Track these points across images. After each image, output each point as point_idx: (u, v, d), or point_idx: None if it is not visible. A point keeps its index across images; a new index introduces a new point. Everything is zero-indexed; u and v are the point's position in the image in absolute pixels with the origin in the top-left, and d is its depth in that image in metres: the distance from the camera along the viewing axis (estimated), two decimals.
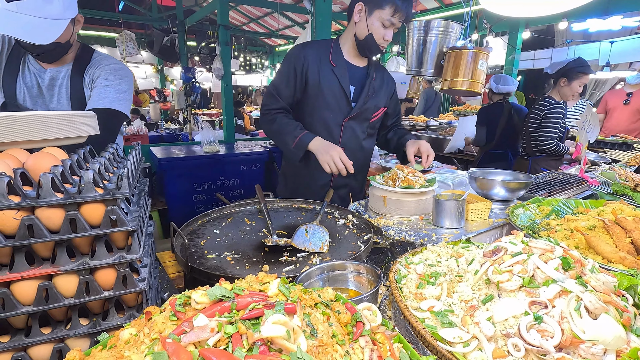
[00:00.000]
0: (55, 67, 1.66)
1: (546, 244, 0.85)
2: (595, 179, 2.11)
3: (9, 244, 0.67)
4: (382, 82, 2.07)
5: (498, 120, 4.05)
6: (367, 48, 1.90)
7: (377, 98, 2.04)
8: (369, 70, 2.02)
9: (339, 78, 1.93)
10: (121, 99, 1.67)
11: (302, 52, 1.91)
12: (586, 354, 0.66)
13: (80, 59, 1.69)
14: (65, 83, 1.67)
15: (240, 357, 0.46)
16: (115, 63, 1.74)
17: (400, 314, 0.87)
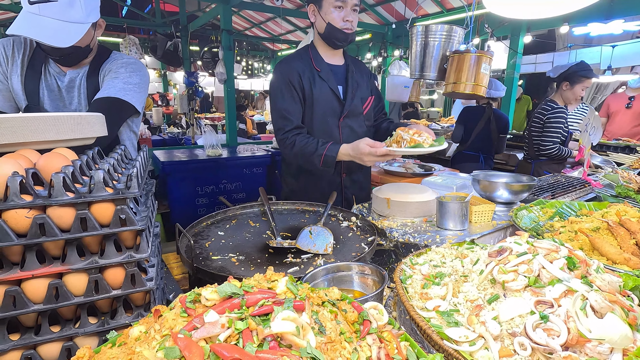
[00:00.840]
0: (74, 69, 1.66)
1: (551, 244, 0.85)
2: (599, 182, 2.11)
3: (21, 242, 0.68)
4: (361, 73, 2.11)
5: (477, 122, 4.09)
6: (333, 37, 1.89)
7: (361, 89, 2.08)
8: (347, 65, 2.06)
9: (327, 81, 1.96)
10: (128, 90, 1.60)
11: (290, 66, 1.92)
12: (592, 352, 0.66)
13: (97, 59, 1.68)
14: (82, 84, 1.67)
15: (251, 352, 0.47)
16: (129, 58, 1.73)
17: (405, 314, 0.87)
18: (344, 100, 2.02)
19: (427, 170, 3.31)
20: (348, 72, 2.04)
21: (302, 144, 1.82)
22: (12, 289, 0.69)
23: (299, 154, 1.85)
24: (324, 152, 1.75)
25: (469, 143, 4.21)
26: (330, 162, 1.76)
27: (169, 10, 10.22)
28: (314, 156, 1.78)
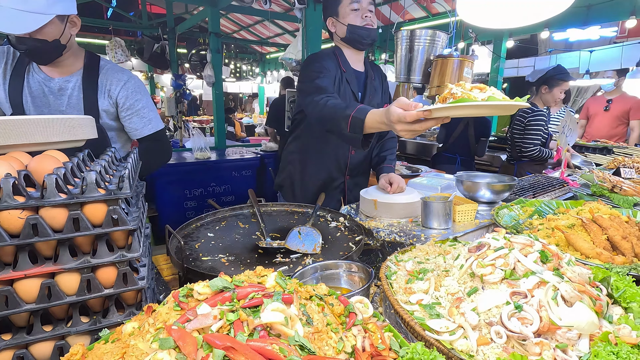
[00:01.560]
0: (62, 76, 1.67)
1: (526, 239, 0.90)
2: (576, 181, 2.20)
3: (14, 242, 0.69)
4: (380, 80, 2.18)
5: (457, 125, 4.22)
6: (357, 36, 1.90)
7: (377, 96, 2.13)
8: (367, 71, 2.11)
9: (350, 84, 2.00)
10: (157, 117, 1.85)
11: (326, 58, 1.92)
12: (562, 338, 0.71)
13: (89, 68, 1.70)
14: (77, 94, 1.68)
15: (242, 340, 0.50)
16: (132, 78, 1.78)
17: (390, 308, 0.91)
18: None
19: (414, 172, 3.38)
20: (367, 79, 2.08)
21: (335, 103, 1.58)
22: (4, 289, 0.70)
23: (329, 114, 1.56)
24: (352, 112, 1.46)
25: (448, 145, 4.33)
26: (358, 125, 1.43)
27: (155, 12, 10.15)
28: (341, 118, 1.49)
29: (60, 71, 1.66)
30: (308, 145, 2.17)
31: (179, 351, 0.49)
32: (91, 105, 1.69)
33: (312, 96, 1.70)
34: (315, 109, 1.66)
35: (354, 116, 1.44)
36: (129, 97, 1.72)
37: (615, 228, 1.22)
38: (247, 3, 4.77)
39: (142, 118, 1.78)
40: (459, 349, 0.73)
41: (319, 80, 1.76)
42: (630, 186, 1.74)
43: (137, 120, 1.78)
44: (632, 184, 1.77)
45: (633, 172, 2.15)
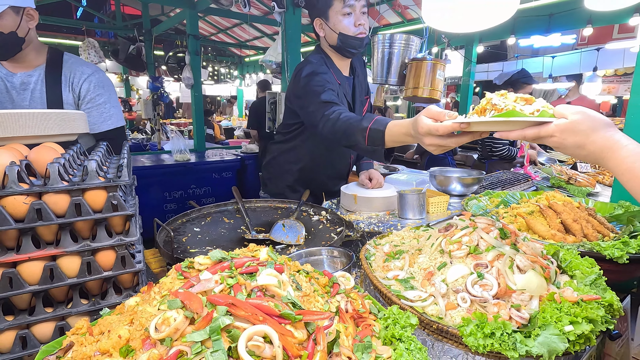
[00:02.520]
0: (24, 71, 1.65)
1: (488, 219, 1.02)
2: (537, 175, 2.38)
3: (19, 226, 0.74)
4: (361, 68, 2.15)
5: None
6: (348, 46, 1.81)
7: (362, 92, 2.12)
8: (353, 69, 2.07)
9: (346, 95, 1.96)
10: (119, 114, 1.81)
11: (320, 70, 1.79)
12: (516, 300, 0.82)
13: (52, 62, 1.69)
14: (40, 88, 1.67)
15: (241, 299, 0.57)
16: (96, 71, 1.76)
17: (370, 286, 1.00)
18: (353, 110, 2.05)
19: (392, 171, 3.52)
20: (355, 80, 2.05)
21: (348, 116, 1.49)
22: (8, 271, 0.75)
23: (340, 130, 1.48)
24: (369, 124, 1.34)
25: None
26: (377, 137, 1.32)
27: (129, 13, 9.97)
28: (357, 131, 1.39)
29: (22, 66, 1.64)
30: (310, 155, 2.12)
31: (187, 309, 0.56)
32: (55, 98, 1.67)
33: (321, 111, 1.61)
34: (327, 124, 1.55)
35: (371, 128, 1.34)
36: (90, 90, 1.70)
37: (568, 212, 1.36)
38: (225, 6, 4.81)
39: (102, 113, 1.74)
40: (430, 313, 0.83)
41: (324, 94, 1.66)
42: (584, 178, 1.91)
43: (96, 115, 1.73)
44: (586, 176, 1.95)
45: (588, 166, 2.35)
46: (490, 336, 0.73)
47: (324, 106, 1.61)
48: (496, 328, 0.73)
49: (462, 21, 0.98)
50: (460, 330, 0.76)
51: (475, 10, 0.92)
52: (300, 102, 1.83)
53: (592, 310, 0.76)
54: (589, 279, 0.88)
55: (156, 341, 0.55)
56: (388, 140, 1.30)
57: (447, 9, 0.97)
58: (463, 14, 0.94)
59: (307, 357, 0.54)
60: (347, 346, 0.60)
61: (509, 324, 0.74)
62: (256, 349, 0.52)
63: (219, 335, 0.52)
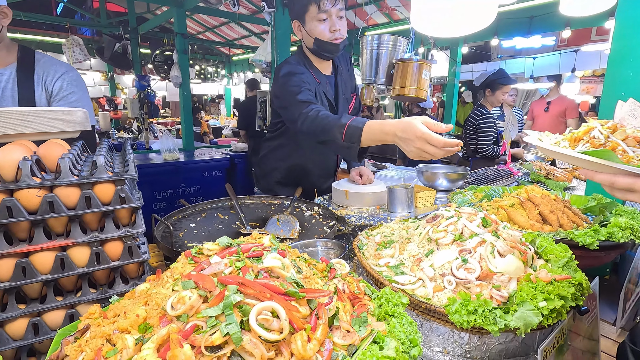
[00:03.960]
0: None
1: (471, 209, 1.10)
2: (518, 171, 2.50)
3: (32, 217, 0.78)
4: (346, 67, 2.17)
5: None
6: (324, 51, 1.87)
7: (346, 90, 2.14)
8: (335, 68, 2.10)
9: (326, 94, 2.00)
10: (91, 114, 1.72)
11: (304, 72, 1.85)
12: (497, 281, 0.90)
13: (23, 60, 1.67)
14: (11, 86, 1.64)
15: (250, 279, 0.63)
16: (70, 70, 1.75)
17: (363, 272, 1.07)
18: (336, 108, 2.09)
19: (381, 169, 3.61)
20: (337, 78, 2.07)
21: (325, 115, 1.55)
22: (22, 261, 0.78)
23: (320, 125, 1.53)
24: (348, 121, 1.40)
25: None
26: (354, 135, 1.37)
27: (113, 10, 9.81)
28: (335, 127, 1.44)
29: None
30: (297, 152, 2.16)
31: (200, 289, 0.61)
32: (28, 97, 1.65)
33: (299, 109, 1.65)
34: (306, 121, 1.60)
35: (349, 125, 1.38)
36: (63, 88, 1.68)
37: (545, 204, 1.46)
38: (214, 5, 4.81)
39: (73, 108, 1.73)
40: (419, 295, 0.90)
41: (301, 95, 1.70)
42: (562, 173, 2.03)
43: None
44: (564, 172, 2.07)
45: (567, 164, 2.48)
46: (473, 313, 0.80)
47: (301, 105, 1.65)
48: (478, 306, 0.80)
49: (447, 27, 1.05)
50: (447, 309, 0.83)
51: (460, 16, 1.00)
52: (279, 102, 1.87)
53: (563, 288, 0.84)
54: (562, 262, 0.97)
55: (173, 318, 0.60)
56: (365, 138, 1.35)
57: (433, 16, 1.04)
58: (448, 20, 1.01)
59: (310, 330, 0.60)
60: (346, 321, 0.67)
61: (490, 302, 0.81)
62: (265, 322, 0.58)
63: (231, 311, 0.57)
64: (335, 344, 0.61)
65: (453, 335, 0.89)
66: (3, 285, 0.77)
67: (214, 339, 0.55)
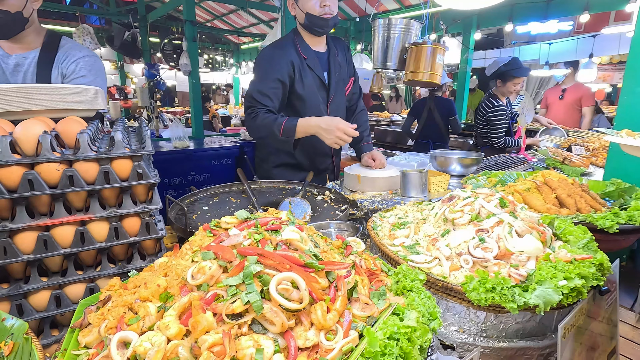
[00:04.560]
0: (21, 52, 1.65)
1: (488, 190, 1.08)
2: (533, 157, 2.46)
3: (53, 191, 0.79)
4: (344, 54, 2.20)
5: (421, 111, 4.46)
6: (314, 25, 1.94)
7: (342, 71, 2.17)
8: (329, 49, 2.14)
9: (313, 68, 2.05)
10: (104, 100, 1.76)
11: (282, 53, 1.95)
12: (515, 261, 0.89)
13: (48, 45, 1.68)
14: (32, 70, 1.66)
15: (269, 250, 0.63)
16: (88, 55, 1.75)
17: (378, 252, 1.07)
18: (328, 86, 2.10)
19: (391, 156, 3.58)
20: (330, 57, 2.10)
21: (266, 116, 1.88)
22: (43, 234, 0.80)
23: (260, 125, 1.88)
24: (284, 121, 1.81)
25: (420, 132, 4.56)
26: (290, 131, 1.80)
27: None
28: (274, 126, 1.82)
29: (19, 47, 1.64)
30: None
31: (220, 259, 0.61)
32: (44, 79, 1.66)
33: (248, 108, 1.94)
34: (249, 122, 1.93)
35: (286, 123, 1.81)
36: (75, 71, 1.67)
37: (562, 188, 1.43)
38: None
39: None
40: (435, 273, 0.90)
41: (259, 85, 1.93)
42: (579, 159, 1.99)
43: None
44: (580, 157, 2.02)
45: (582, 149, 2.43)
46: (491, 290, 0.79)
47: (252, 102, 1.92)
48: (497, 283, 0.79)
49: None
50: (464, 287, 0.83)
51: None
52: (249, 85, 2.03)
53: (584, 267, 0.83)
54: (582, 243, 0.95)
55: (193, 287, 0.61)
56: (298, 131, 1.79)
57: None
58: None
59: (330, 301, 0.60)
60: (364, 294, 0.66)
61: (509, 280, 0.80)
62: (285, 292, 0.58)
63: (251, 280, 0.58)
64: (354, 316, 0.61)
65: (469, 314, 0.88)
66: (26, 258, 0.78)
67: (235, 307, 0.55)
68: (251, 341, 0.52)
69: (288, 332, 0.56)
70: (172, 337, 0.54)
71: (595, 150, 2.50)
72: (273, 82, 1.92)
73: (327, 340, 0.56)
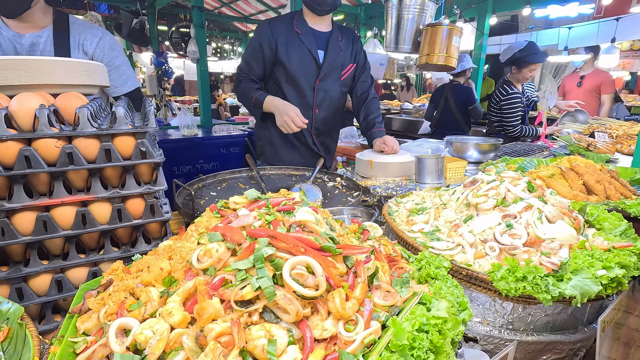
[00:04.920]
0: (33, 32, 1.62)
1: (514, 174, 1.01)
2: (554, 143, 2.35)
3: (52, 169, 0.74)
4: (349, 41, 2.18)
5: (439, 100, 4.31)
6: (314, 3, 1.97)
7: (343, 56, 2.14)
8: (332, 31, 2.13)
9: (306, 43, 2.04)
10: (134, 74, 1.83)
11: (269, 28, 2.03)
12: (546, 249, 0.82)
13: (59, 23, 1.67)
14: (49, 49, 1.64)
15: (282, 232, 0.57)
16: (106, 35, 1.74)
17: (394, 239, 1.00)
18: (321, 63, 2.08)
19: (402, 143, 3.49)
20: (331, 38, 2.10)
21: (247, 86, 2.10)
22: (43, 215, 0.75)
23: (241, 94, 2.15)
24: (256, 95, 2.05)
25: (437, 121, 4.42)
26: (258, 105, 2.05)
27: None
28: (249, 96, 2.07)
29: (29, 26, 1.61)
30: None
31: (228, 241, 0.56)
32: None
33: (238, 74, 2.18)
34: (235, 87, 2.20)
35: (256, 97, 2.04)
36: (106, 54, 1.68)
37: (590, 174, 1.34)
38: None
39: (121, 75, 1.73)
40: (458, 261, 0.83)
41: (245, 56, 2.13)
42: (604, 145, 1.88)
43: (116, 78, 1.71)
44: (606, 144, 1.92)
45: (606, 136, 2.31)
46: (522, 280, 0.73)
47: (239, 70, 2.18)
48: (528, 272, 0.73)
49: None
50: (491, 276, 0.76)
51: None
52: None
53: (624, 256, 0.75)
54: (619, 230, 0.88)
55: (199, 271, 0.55)
56: (264, 107, 2.03)
57: None
58: None
59: (348, 288, 0.54)
60: (386, 281, 0.61)
61: (541, 269, 0.74)
62: (300, 277, 0.52)
63: (263, 264, 0.52)
64: (375, 305, 0.56)
65: (495, 305, 0.82)
66: (25, 239, 0.74)
67: (245, 293, 0.50)
68: (262, 331, 0.47)
69: (303, 321, 0.50)
70: (176, 325, 0.49)
71: (619, 137, 2.38)
72: (256, 52, 2.06)
73: (347, 331, 0.50)
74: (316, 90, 2.12)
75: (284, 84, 2.10)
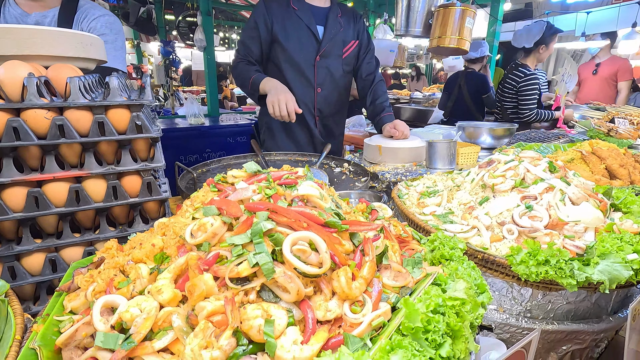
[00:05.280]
0: (39, 11, 1.61)
1: (534, 153, 0.94)
2: (571, 130, 2.25)
3: (42, 142, 0.70)
4: (350, 19, 2.12)
5: (453, 88, 4.20)
6: None
7: (344, 32, 2.08)
8: (331, 7, 2.07)
9: (303, 19, 1.97)
10: (119, 57, 1.71)
11: (264, 5, 1.99)
12: (570, 232, 0.76)
13: (67, 5, 1.65)
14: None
15: (283, 205, 0.52)
16: (107, 14, 1.72)
17: (405, 221, 0.95)
18: (321, 39, 2.01)
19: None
20: (330, 14, 2.03)
21: (244, 68, 2.04)
22: (34, 191, 0.72)
23: (238, 75, 2.09)
24: (253, 76, 1.98)
25: (450, 110, 4.30)
26: (255, 86, 1.96)
27: None
28: (246, 77, 2.01)
29: (39, 5, 1.61)
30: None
31: (224, 215, 0.51)
32: None
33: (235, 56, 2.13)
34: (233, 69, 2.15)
35: (253, 79, 1.96)
36: (95, 29, 1.66)
37: (614, 158, 1.27)
38: None
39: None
40: (473, 244, 0.78)
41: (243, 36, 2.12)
42: (626, 130, 1.79)
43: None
44: (628, 129, 1.82)
45: (627, 122, 2.21)
46: (544, 264, 0.67)
47: (237, 53, 2.12)
48: (551, 256, 0.67)
49: None
50: (509, 260, 0.71)
51: None
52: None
53: None
54: None
55: (192, 247, 0.51)
56: (261, 88, 1.94)
57: None
58: None
59: (355, 267, 0.49)
60: (396, 261, 0.56)
61: (566, 252, 0.68)
62: (301, 254, 0.47)
63: (261, 239, 0.47)
64: (384, 285, 0.51)
65: (512, 291, 0.77)
66: (16, 216, 0.71)
67: (241, 269, 0.45)
68: (259, 310, 0.42)
69: (305, 301, 0.46)
70: (166, 303, 0.45)
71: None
72: (251, 31, 2.01)
73: (353, 312, 0.45)
74: (317, 68, 2.04)
75: (283, 63, 2.03)
